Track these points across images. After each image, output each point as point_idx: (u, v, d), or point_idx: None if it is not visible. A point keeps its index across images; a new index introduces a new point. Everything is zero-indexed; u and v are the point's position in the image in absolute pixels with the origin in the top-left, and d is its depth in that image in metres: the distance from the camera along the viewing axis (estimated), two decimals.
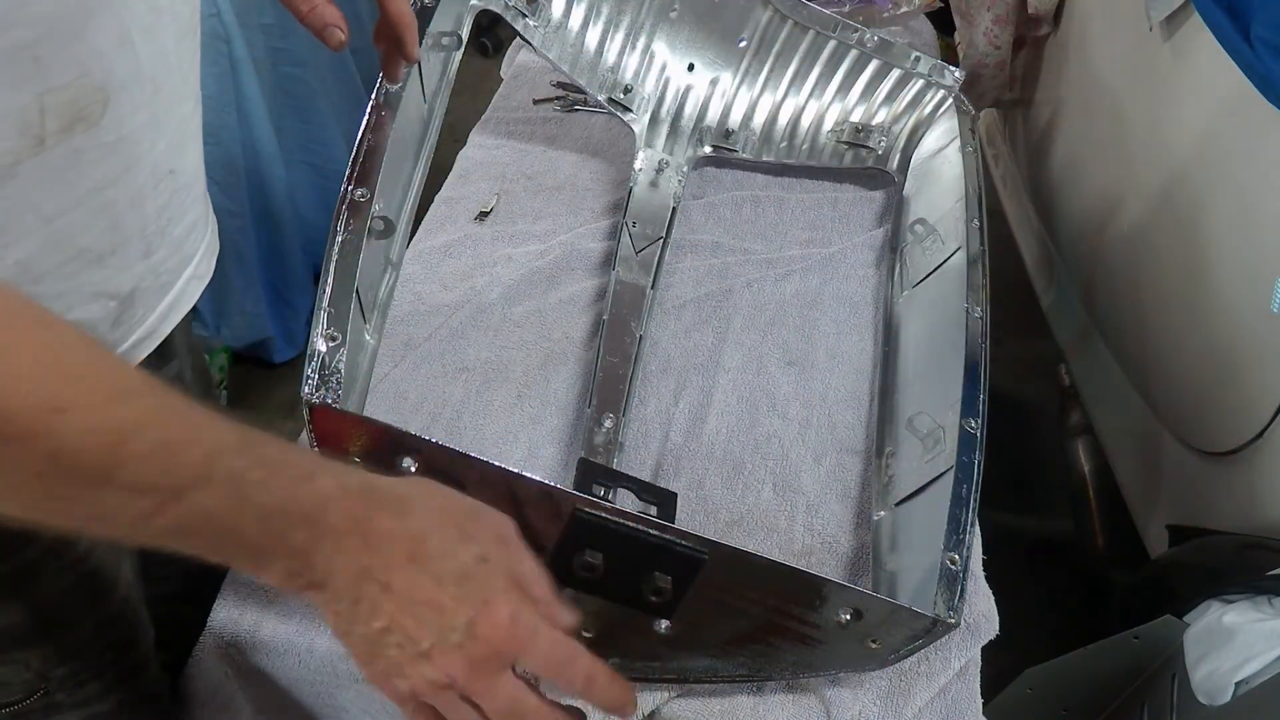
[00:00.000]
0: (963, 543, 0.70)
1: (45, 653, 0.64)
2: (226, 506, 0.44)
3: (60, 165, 0.53)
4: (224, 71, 1.66)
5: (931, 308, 0.96)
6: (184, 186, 0.64)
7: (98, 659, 0.67)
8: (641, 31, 1.16)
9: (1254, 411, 1.05)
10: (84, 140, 0.53)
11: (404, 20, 0.80)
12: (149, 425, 0.42)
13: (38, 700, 0.64)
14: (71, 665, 0.65)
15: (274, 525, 0.45)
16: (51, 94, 0.50)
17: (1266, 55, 0.99)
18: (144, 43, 0.56)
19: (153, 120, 0.58)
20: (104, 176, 0.56)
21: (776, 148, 1.19)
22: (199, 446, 0.43)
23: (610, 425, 0.85)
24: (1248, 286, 1.06)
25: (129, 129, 0.56)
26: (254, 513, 0.45)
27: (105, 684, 0.68)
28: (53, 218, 0.54)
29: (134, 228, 0.60)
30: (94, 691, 0.67)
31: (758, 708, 0.69)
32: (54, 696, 0.65)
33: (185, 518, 0.43)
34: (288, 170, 1.85)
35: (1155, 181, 1.25)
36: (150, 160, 0.59)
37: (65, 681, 0.65)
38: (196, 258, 0.69)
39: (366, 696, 0.72)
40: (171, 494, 0.43)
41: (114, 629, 0.68)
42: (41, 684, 0.64)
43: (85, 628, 0.66)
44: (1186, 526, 1.17)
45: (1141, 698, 0.99)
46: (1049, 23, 1.59)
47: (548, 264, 1.04)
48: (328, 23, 0.74)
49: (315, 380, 0.68)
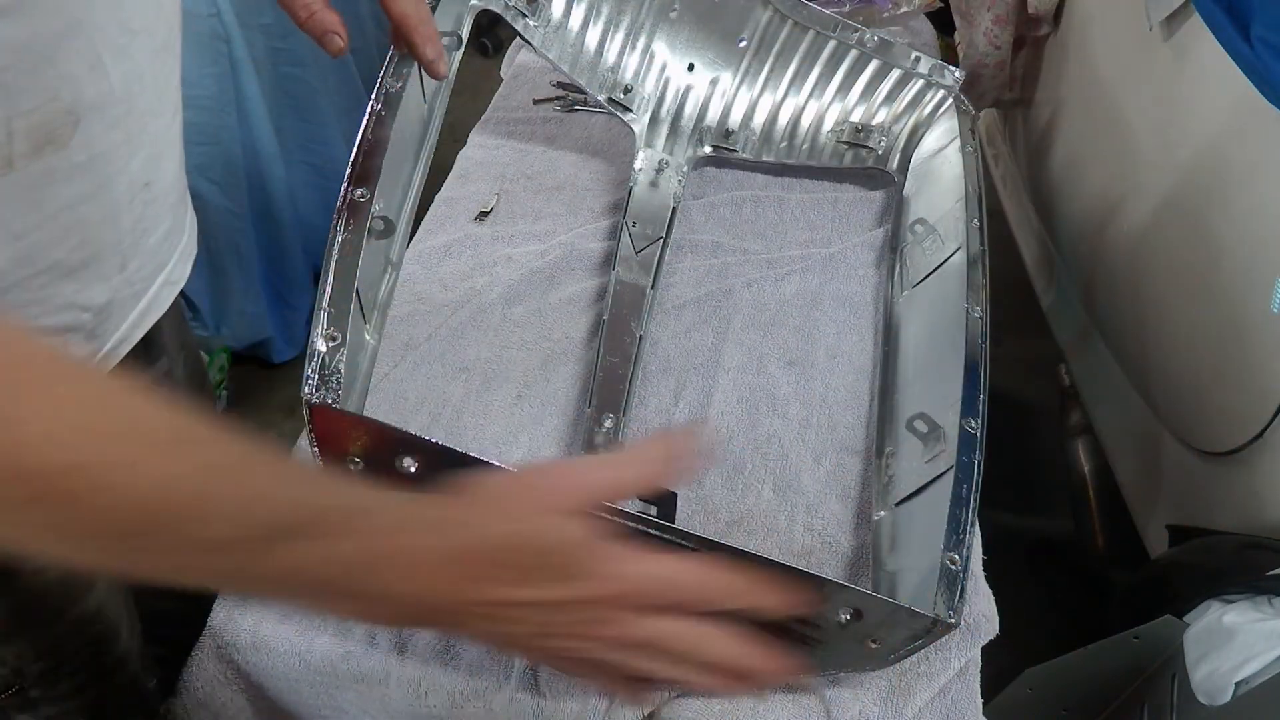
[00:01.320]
0: (963, 543, 0.70)
1: (20, 649, 0.64)
2: (295, 557, 0.42)
3: (29, 184, 0.52)
4: (224, 71, 1.66)
5: (931, 308, 0.96)
6: (159, 197, 0.64)
7: (75, 655, 0.67)
8: (641, 31, 1.16)
9: (1254, 411, 1.05)
10: (54, 161, 0.53)
11: (407, 22, 0.78)
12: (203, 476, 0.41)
13: (12, 696, 0.64)
14: (47, 661, 0.65)
15: (346, 572, 0.44)
16: (19, 118, 0.50)
17: (1266, 55, 0.99)
18: (115, 64, 0.55)
19: (126, 138, 0.58)
20: (76, 194, 0.55)
21: (776, 148, 1.19)
22: (260, 497, 0.42)
23: (610, 425, 0.85)
24: (1248, 286, 1.06)
25: (101, 148, 0.56)
26: (325, 561, 0.43)
27: (82, 680, 0.68)
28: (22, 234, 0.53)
29: (109, 242, 0.59)
30: (70, 687, 0.67)
31: (758, 708, 0.69)
32: (29, 692, 0.65)
33: (251, 571, 0.42)
34: (288, 170, 1.85)
35: (1155, 181, 1.25)
36: (125, 177, 0.59)
37: (41, 678, 0.65)
38: (170, 264, 0.69)
39: (366, 696, 0.72)
40: (231, 547, 0.41)
41: (92, 626, 0.68)
42: (16, 680, 0.64)
43: (63, 625, 0.66)
44: (1186, 526, 1.17)
45: (1141, 698, 0.99)
46: (1049, 23, 1.59)
47: (548, 264, 1.04)
48: (326, 29, 0.73)
49: (315, 380, 0.68)
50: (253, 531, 0.42)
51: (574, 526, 0.46)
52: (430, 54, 0.80)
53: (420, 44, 0.79)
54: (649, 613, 0.47)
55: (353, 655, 0.71)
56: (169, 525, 0.41)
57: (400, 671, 0.71)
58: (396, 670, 0.71)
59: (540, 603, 0.46)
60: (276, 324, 1.95)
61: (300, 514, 0.43)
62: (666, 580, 0.47)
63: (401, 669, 0.71)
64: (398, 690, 0.71)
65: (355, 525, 0.44)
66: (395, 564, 0.44)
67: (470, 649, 0.71)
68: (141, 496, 0.40)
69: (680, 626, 0.48)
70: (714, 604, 0.48)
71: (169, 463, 0.41)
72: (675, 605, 0.47)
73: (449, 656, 0.71)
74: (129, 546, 0.41)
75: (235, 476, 0.43)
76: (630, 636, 0.47)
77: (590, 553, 0.46)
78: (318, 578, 0.44)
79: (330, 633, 0.72)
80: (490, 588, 0.45)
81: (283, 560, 0.42)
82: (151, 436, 0.41)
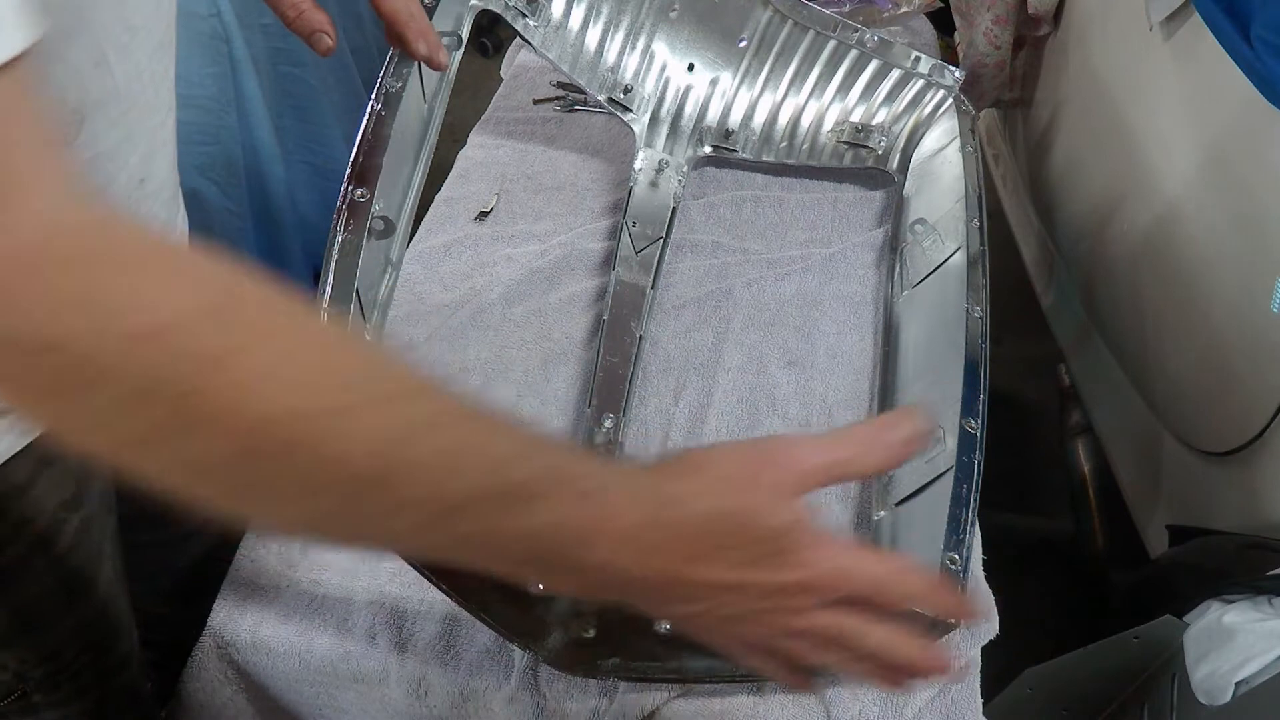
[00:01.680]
0: (963, 543, 0.70)
1: (22, 654, 0.63)
2: (507, 521, 0.41)
3: None
4: (224, 71, 1.66)
5: (931, 308, 0.96)
6: (153, 194, 0.64)
7: (76, 660, 0.67)
8: (641, 31, 1.16)
9: (1254, 411, 1.05)
10: None
11: (397, 19, 0.78)
12: (429, 430, 0.39)
13: (14, 702, 0.64)
14: (49, 666, 0.65)
15: (555, 539, 0.42)
16: None
17: (1266, 55, 0.99)
18: (119, 62, 0.55)
19: (127, 136, 0.58)
20: None
21: (776, 148, 1.19)
22: (481, 455, 0.40)
23: (610, 425, 0.85)
24: (1248, 286, 1.06)
25: (103, 146, 0.56)
26: (535, 527, 0.41)
27: (83, 684, 0.68)
28: None
29: None
30: (72, 692, 0.67)
31: (758, 708, 0.69)
32: (31, 698, 0.65)
33: (462, 532, 0.41)
34: (288, 170, 1.85)
35: (1155, 181, 1.25)
36: (124, 175, 0.59)
37: (43, 682, 0.65)
38: None
39: (366, 696, 0.72)
40: (448, 507, 0.40)
41: (93, 630, 0.68)
42: (19, 684, 0.64)
43: (64, 629, 0.65)
44: (1186, 526, 1.17)
45: (1141, 698, 0.99)
46: (1049, 23, 1.59)
47: (548, 264, 1.04)
48: (314, 28, 0.73)
49: None
50: (490, 493, 0.40)
51: (792, 510, 0.45)
52: (422, 50, 0.80)
53: (412, 40, 0.79)
54: (837, 604, 0.47)
55: (353, 655, 0.71)
56: (398, 483, 0.38)
57: (400, 671, 0.71)
58: (396, 670, 0.71)
59: (750, 585, 0.45)
60: None
61: (539, 478, 0.41)
62: (865, 574, 0.47)
63: (401, 669, 0.71)
64: (398, 690, 0.71)
65: (587, 491, 0.42)
66: (611, 535, 0.42)
67: (470, 649, 0.71)
68: (372, 450, 0.37)
69: (863, 621, 0.47)
70: (900, 602, 0.48)
71: (401, 413, 0.38)
72: (864, 599, 0.47)
73: (449, 656, 0.71)
74: (348, 508, 0.39)
75: (473, 433, 0.40)
76: (818, 626, 0.47)
77: (803, 539, 0.45)
78: (536, 546, 0.42)
79: (330, 633, 0.72)
80: (706, 568, 0.44)
81: (511, 524, 0.41)
82: (381, 384, 0.39)
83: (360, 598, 0.73)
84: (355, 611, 0.73)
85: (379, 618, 0.73)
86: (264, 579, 0.74)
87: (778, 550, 0.45)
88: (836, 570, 0.46)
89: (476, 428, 0.41)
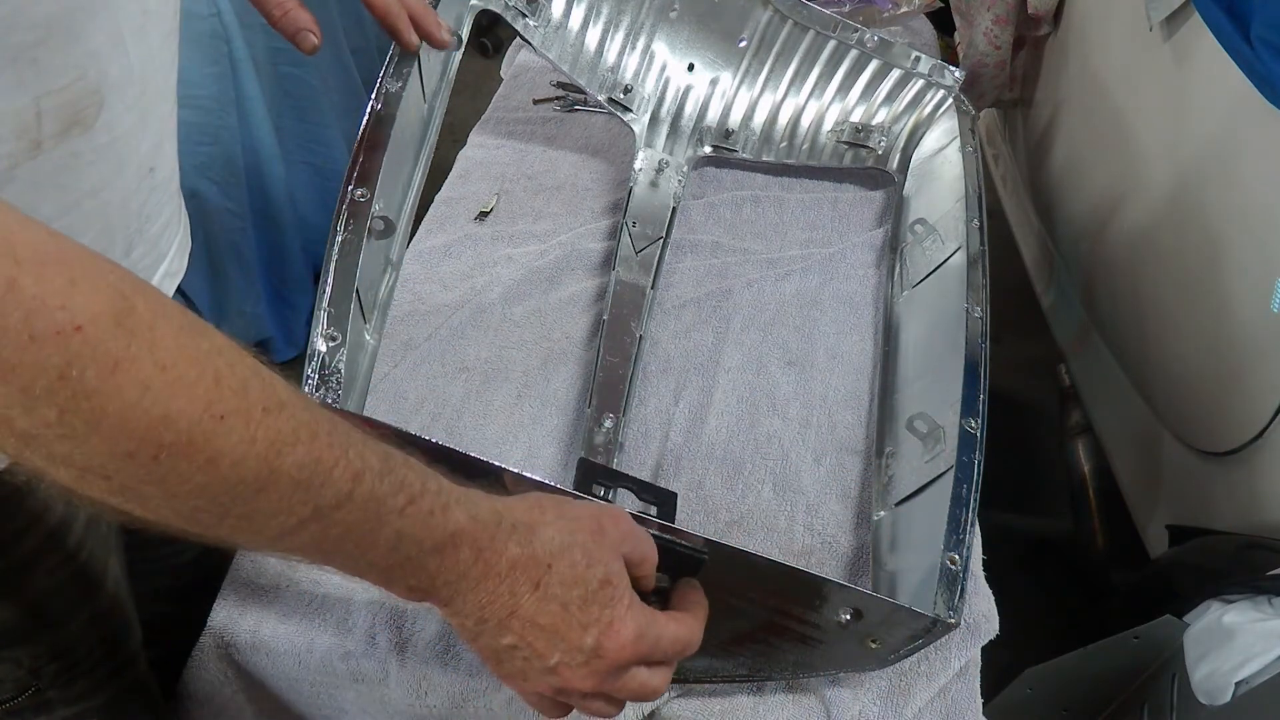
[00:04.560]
0: (963, 543, 0.70)
1: (36, 650, 0.64)
2: (364, 528, 0.44)
3: (56, 169, 0.53)
4: (224, 71, 1.66)
5: (931, 308, 0.96)
6: (161, 184, 0.65)
7: (88, 655, 0.67)
8: (641, 31, 1.16)
9: (1254, 411, 1.05)
10: (80, 143, 0.53)
11: (389, 12, 0.80)
12: (301, 440, 0.41)
13: (29, 697, 0.64)
14: (62, 661, 0.65)
15: (406, 550, 0.46)
16: (49, 96, 0.50)
17: (1266, 55, 0.99)
18: (135, 43, 0.56)
19: (141, 121, 0.58)
20: (99, 179, 0.56)
21: (776, 148, 1.19)
22: (346, 466, 0.43)
23: (610, 425, 0.85)
24: (1248, 286, 1.06)
25: (120, 130, 0.56)
26: (389, 537, 0.45)
27: (96, 680, 0.68)
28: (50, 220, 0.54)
29: (119, 227, 0.60)
30: (85, 687, 0.67)
31: (758, 708, 0.69)
32: (45, 693, 0.65)
33: (324, 535, 0.43)
34: (288, 170, 1.85)
35: (1155, 181, 1.25)
36: (136, 160, 0.59)
37: (56, 678, 0.65)
38: (170, 255, 0.69)
39: (366, 696, 0.72)
40: (315, 511, 0.42)
41: (104, 624, 0.68)
42: (33, 681, 0.64)
43: (76, 624, 0.66)
44: (1186, 526, 1.17)
45: (1141, 698, 1.00)
46: (1049, 23, 1.59)
47: (548, 264, 1.04)
48: (300, 27, 0.73)
49: (315, 380, 0.68)
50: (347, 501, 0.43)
51: (619, 565, 0.51)
52: (412, 39, 0.81)
53: (403, 30, 0.80)
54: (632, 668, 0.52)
55: (353, 655, 0.71)
56: (273, 488, 0.40)
57: (400, 671, 0.71)
58: (396, 670, 0.71)
59: (563, 636, 0.49)
60: (276, 324, 1.94)
61: (392, 491, 0.44)
62: (664, 644, 0.52)
63: (401, 669, 0.71)
64: (398, 690, 0.71)
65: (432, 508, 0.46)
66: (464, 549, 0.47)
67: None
68: (255, 454, 0.40)
69: (652, 677, 0.53)
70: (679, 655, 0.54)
71: (275, 424, 0.40)
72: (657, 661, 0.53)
73: (449, 656, 0.71)
74: (228, 508, 0.40)
75: (329, 448, 0.43)
76: (613, 688, 0.51)
77: (617, 595, 0.50)
78: (394, 556, 0.45)
79: (330, 633, 0.72)
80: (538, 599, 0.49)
81: (369, 532, 0.44)
82: (261, 395, 0.41)
83: (360, 598, 0.73)
84: (355, 611, 0.73)
85: (379, 618, 0.73)
86: (264, 579, 0.74)
87: (593, 598, 0.49)
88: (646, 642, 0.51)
89: (340, 441, 0.44)
